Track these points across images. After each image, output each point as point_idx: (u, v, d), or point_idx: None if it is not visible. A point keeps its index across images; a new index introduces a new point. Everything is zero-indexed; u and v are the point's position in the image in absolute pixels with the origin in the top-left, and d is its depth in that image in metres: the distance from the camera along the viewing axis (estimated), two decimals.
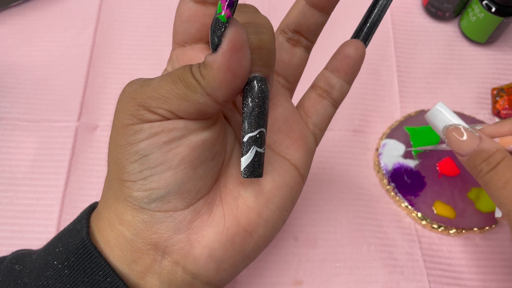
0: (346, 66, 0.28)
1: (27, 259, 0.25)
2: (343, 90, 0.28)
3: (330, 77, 0.28)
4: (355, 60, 0.28)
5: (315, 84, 0.29)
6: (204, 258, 0.24)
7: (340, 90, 0.28)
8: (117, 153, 0.23)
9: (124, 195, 0.23)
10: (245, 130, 0.23)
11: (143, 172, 0.23)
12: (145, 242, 0.23)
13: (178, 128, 0.22)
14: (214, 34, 0.20)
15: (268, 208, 0.26)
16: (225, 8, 0.20)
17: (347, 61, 0.28)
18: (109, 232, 0.24)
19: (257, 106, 0.23)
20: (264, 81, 0.23)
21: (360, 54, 0.28)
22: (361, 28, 0.29)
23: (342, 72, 0.28)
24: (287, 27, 0.27)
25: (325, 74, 0.28)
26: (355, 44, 0.28)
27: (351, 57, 0.27)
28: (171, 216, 0.23)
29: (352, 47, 0.28)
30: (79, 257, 0.23)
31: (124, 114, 0.23)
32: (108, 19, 0.50)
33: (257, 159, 0.24)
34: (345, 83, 0.28)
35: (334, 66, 0.28)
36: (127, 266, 0.24)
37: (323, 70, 0.29)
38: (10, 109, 0.45)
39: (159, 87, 0.22)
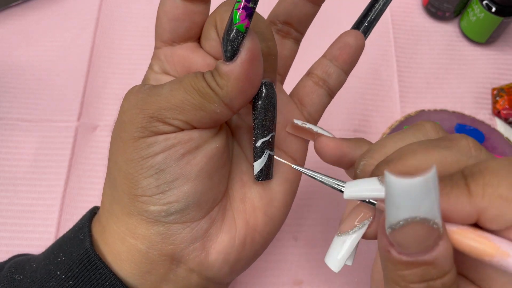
0: (346, 54, 0.27)
1: (27, 268, 0.25)
2: (340, 79, 0.28)
3: (328, 65, 0.28)
4: (354, 49, 0.27)
5: (311, 71, 0.28)
6: (219, 263, 0.24)
7: (338, 79, 0.28)
8: (128, 167, 0.22)
9: (137, 210, 0.23)
10: (258, 136, 0.24)
11: (160, 187, 0.22)
12: (160, 254, 0.23)
13: (194, 139, 0.22)
14: (230, 43, 0.20)
15: (273, 206, 0.26)
16: (244, 18, 0.19)
17: (347, 50, 0.27)
18: (120, 246, 0.23)
19: (268, 111, 0.23)
20: (272, 86, 0.23)
21: (360, 44, 0.27)
22: (361, 20, 0.29)
23: (341, 60, 0.27)
24: (276, 18, 0.27)
25: (322, 62, 0.28)
26: (355, 34, 0.27)
27: (351, 45, 0.27)
28: (188, 227, 0.23)
29: (352, 37, 0.27)
30: (83, 268, 0.23)
31: (133, 126, 0.22)
32: (108, 19, 0.50)
33: (268, 162, 0.24)
34: (343, 72, 0.28)
35: (333, 54, 0.27)
36: (140, 277, 0.23)
37: (321, 58, 0.28)
38: (10, 109, 0.45)
39: (172, 97, 0.21)
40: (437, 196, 0.15)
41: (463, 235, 0.17)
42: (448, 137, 0.19)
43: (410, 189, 0.15)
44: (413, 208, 0.15)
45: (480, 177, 0.17)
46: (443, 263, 0.16)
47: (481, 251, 0.16)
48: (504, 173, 0.16)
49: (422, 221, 0.15)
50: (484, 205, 0.16)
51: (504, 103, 0.44)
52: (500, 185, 0.16)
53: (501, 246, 0.16)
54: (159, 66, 0.26)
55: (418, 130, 0.21)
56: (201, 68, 0.24)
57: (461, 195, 0.17)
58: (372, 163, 0.21)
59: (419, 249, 0.16)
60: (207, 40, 0.25)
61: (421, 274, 0.17)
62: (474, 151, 0.19)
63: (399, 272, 0.17)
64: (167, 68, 0.25)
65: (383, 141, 0.22)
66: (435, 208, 0.15)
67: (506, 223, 0.16)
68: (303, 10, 0.27)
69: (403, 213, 0.15)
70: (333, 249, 0.20)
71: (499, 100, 0.45)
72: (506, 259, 0.16)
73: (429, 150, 0.19)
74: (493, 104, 0.46)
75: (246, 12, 0.19)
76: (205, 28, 0.25)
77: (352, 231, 0.19)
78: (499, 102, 0.45)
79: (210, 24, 0.24)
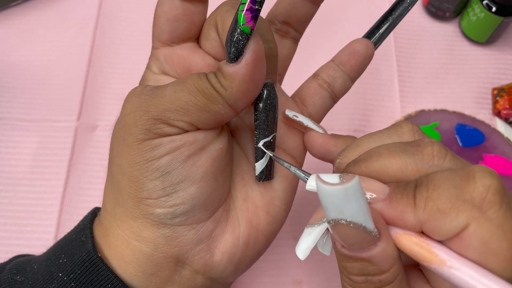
0: (354, 61, 0.27)
1: (28, 269, 0.25)
2: (345, 85, 0.28)
3: (335, 70, 0.28)
4: (363, 57, 0.27)
5: (317, 74, 0.28)
6: (224, 264, 0.24)
7: (343, 85, 0.28)
8: (132, 170, 0.22)
9: (142, 213, 0.22)
10: (259, 136, 0.24)
11: (166, 189, 0.22)
12: (166, 256, 0.23)
13: (199, 140, 0.22)
14: (235, 44, 0.20)
15: (275, 205, 0.26)
16: (249, 20, 0.19)
17: (356, 57, 0.27)
18: (124, 249, 0.23)
19: (269, 112, 0.23)
20: (273, 87, 0.23)
21: (369, 54, 0.27)
22: (373, 31, 0.29)
23: (348, 66, 0.28)
24: (275, 18, 0.27)
25: (330, 66, 0.28)
26: (366, 42, 0.27)
27: (360, 53, 0.27)
28: (194, 229, 0.23)
29: (362, 45, 0.27)
30: (85, 270, 0.23)
31: (137, 128, 0.22)
32: (108, 19, 0.50)
33: (270, 163, 0.25)
34: (349, 78, 0.28)
35: (341, 59, 0.28)
36: (145, 279, 0.23)
37: (329, 62, 0.28)
38: (9, 109, 0.45)
39: (175, 98, 0.21)
40: (361, 203, 0.17)
41: (408, 239, 0.18)
42: (417, 142, 0.20)
43: (332, 195, 0.16)
44: (338, 211, 0.17)
45: (425, 189, 0.17)
46: (380, 262, 0.18)
47: (421, 256, 0.18)
48: (446, 187, 0.17)
49: (349, 223, 0.17)
50: (425, 217, 0.17)
51: (505, 103, 0.44)
52: (439, 198, 0.17)
53: (440, 254, 0.17)
54: (158, 67, 0.26)
55: (394, 131, 0.22)
56: (201, 68, 0.24)
57: (408, 205, 0.18)
58: (345, 161, 0.22)
59: (354, 246, 0.18)
60: (207, 40, 0.25)
61: (360, 268, 0.18)
62: (436, 159, 0.19)
63: (342, 263, 0.19)
64: (166, 68, 0.25)
65: (360, 140, 0.22)
66: (360, 214, 0.17)
67: (443, 235, 0.17)
68: (302, 10, 0.27)
69: (331, 214, 0.17)
70: (301, 240, 0.21)
71: (499, 100, 0.45)
72: (442, 267, 0.17)
73: (393, 155, 0.19)
74: (493, 104, 0.45)
75: (252, 14, 0.19)
76: (205, 28, 0.25)
77: (318, 223, 0.20)
78: (499, 102, 0.45)
79: (210, 24, 0.24)
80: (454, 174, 0.17)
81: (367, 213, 0.17)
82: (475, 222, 0.16)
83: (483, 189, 0.16)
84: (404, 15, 0.28)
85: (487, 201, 0.16)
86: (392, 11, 0.28)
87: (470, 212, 0.16)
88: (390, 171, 0.19)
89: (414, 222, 0.18)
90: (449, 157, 0.19)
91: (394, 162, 0.19)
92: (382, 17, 0.29)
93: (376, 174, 0.20)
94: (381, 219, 0.18)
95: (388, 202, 0.18)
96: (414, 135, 0.22)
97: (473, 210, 0.16)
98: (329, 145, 0.25)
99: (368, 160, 0.20)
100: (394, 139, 0.22)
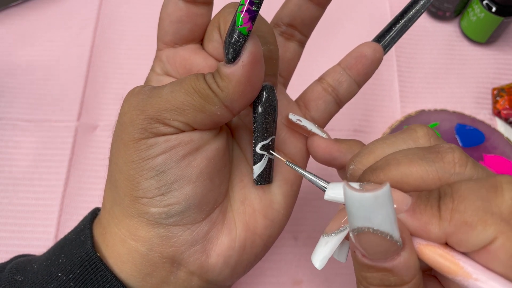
0: (361, 65, 0.27)
1: (28, 269, 0.25)
2: (351, 89, 0.27)
3: (341, 73, 0.27)
4: (371, 61, 0.27)
5: (323, 77, 0.28)
6: (220, 266, 0.24)
7: (348, 89, 0.27)
8: (128, 169, 0.22)
9: (138, 212, 0.23)
10: (257, 139, 0.23)
11: (161, 189, 0.22)
12: (161, 256, 0.23)
13: (195, 140, 0.22)
14: (232, 45, 0.20)
15: (273, 209, 0.26)
16: (247, 21, 0.19)
17: (363, 61, 0.27)
18: (121, 248, 0.23)
19: (268, 115, 0.23)
20: (272, 89, 0.23)
21: (377, 58, 0.27)
22: (383, 35, 0.28)
23: (354, 70, 0.27)
24: (281, 21, 0.27)
25: (336, 69, 0.27)
26: (374, 46, 0.27)
27: (367, 57, 0.26)
28: (189, 229, 0.23)
29: (371, 48, 0.26)
30: (84, 269, 0.23)
31: (134, 127, 0.22)
32: (108, 18, 0.50)
33: (268, 166, 0.24)
34: (355, 83, 0.27)
35: (347, 63, 0.27)
36: (141, 279, 0.23)
37: (335, 65, 0.28)
38: (10, 109, 0.45)
39: (172, 98, 0.21)
40: (389, 212, 0.16)
41: (432, 250, 0.18)
42: (436, 148, 0.19)
43: (361, 202, 0.16)
44: (365, 219, 0.16)
45: (450, 201, 0.17)
46: (402, 272, 0.17)
47: (446, 268, 0.17)
48: (472, 198, 0.17)
49: (375, 232, 0.16)
50: (451, 230, 0.17)
51: (505, 103, 0.44)
52: (466, 211, 0.17)
53: (465, 267, 0.17)
54: (161, 68, 0.26)
55: (409, 136, 0.21)
56: (202, 69, 0.24)
57: (433, 217, 0.18)
58: (360, 167, 0.22)
59: (377, 256, 0.17)
60: (210, 41, 0.25)
61: (380, 278, 0.18)
62: (458, 167, 0.18)
63: (362, 273, 0.18)
64: (169, 69, 0.25)
65: (373, 145, 0.22)
66: (388, 222, 0.16)
67: (470, 248, 0.17)
68: (307, 12, 0.26)
69: (357, 222, 0.17)
70: (317, 248, 0.20)
71: (499, 100, 0.45)
72: (467, 280, 0.17)
73: (412, 163, 0.19)
74: (493, 104, 0.45)
75: (249, 15, 0.19)
76: (209, 30, 0.25)
77: (335, 232, 0.20)
78: (499, 102, 0.45)
79: (214, 25, 0.24)
80: (480, 185, 0.17)
81: (394, 222, 0.17)
82: (503, 236, 0.16)
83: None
84: (416, 19, 0.27)
85: None
86: (404, 14, 0.28)
87: (498, 226, 0.16)
88: (411, 179, 0.19)
89: (439, 234, 0.17)
90: (470, 165, 0.19)
91: (414, 171, 0.19)
92: (393, 20, 0.28)
93: (396, 182, 0.19)
94: (405, 229, 0.18)
95: (412, 213, 0.18)
96: (430, 139, 0.21)
97: (501, 224, 0.16)
98: (332, 151, 0.25)
99: (386, 168, 0.19)
100: (409, 144, 0.21)
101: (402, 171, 0.19)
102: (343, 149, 0.24)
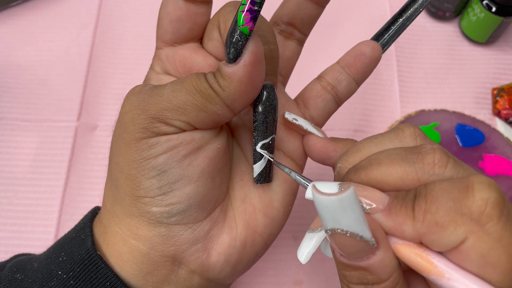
0: (359, 64, 0.27)
1: (28, 267, 0.25)
2: (349, 88, 0.27)
3: (340, 72, 0.27)
4: (369, 60, 0.27)
5: (321, 76, 0.28)
6: (220, 265, 0.24)
7: (347, 88, 0.27)
8: (129, 168, 0.22)
9: (139, 211, 0.23)
10: (258, 138, 0.24)
11: (163, 188, 0.22)
12: (162, 255, 0.23)
13: (196, 140, 0.22)
14: (234, 45, 0.20)
15: (273, 207, 0.26)
16: (248, 21, 0.19)
17: (361, 59, 0.27)
18: (122, 247, 0.23)
19: (268, 114, 0.23)
20: (273, 89, 0.23)
21: (376, 56, 0.27)
22: (382, 33, 0.28)
23: (353, 69, 0.27)
24: (280, 19, 0.27)
25: (335, 68, 0.27)
26: (373, 44, 0.27)
27: (366, 55, 0.26)
28: (190, 228, 0.23)
29: (369, 47, 0.26)
30: (84, 267, 0.23)
31: (135, 127, 0.22)
32: (108, 18, 0.50)
33: (268, 165, 0.24)
34: (354, 81, 0.27)
35: (346, 61, 0.27)
36: (142, 278, 0.23)
37: (334, 64, 0.28)
38: (10, 109, 0.45)
39: (174, 98, 0.21)
40: (356, 213, 0.16)
41: (407, 249, 0.18)
42: (418, 149, 0.19)
43: (327, 205, 0.16)
44: (334, 221, 0.17)
45: (423, 201, 0.17)
46: (378, 271, 0.18)
47: (421, 267, 0.18)
48: (444, 199, 0.17)
49: (345, 233, 0.17)
50: (424, 230, 0.17)
51: (505, 103, 0.44)
52: (438, 211, 0.17)
53: (439, 266, 0.17)
54: (160, 67, 0.26)
55: (395, 135, 0.22)
56: (202, 68, 0.24)
57: (407, 217, 0.18)
58: (346, 166, 0.22)
59: (352, 255, 0.18)
60: (210, 40, 0.25)
61: (358, 277, 0.18)
62: (437, 168, 0.19)
63: (341, 271, 0.19)
64: (168, 68, 0.25)
65: (360, 144, 0.22)
66: (356, 223, 0.17)
67: (442, 248, 0.17)
68: (306, 11, 0.26)
69: (327, 224, 0.17)
70: (302, 243, 0.21)
71: (499, 100, 0.45)
72: (440, 279, 0.17)
73: (393, 163, 0.19)
74: (493, 104, 0.45)
75: (251, 15, 0.19)
76: (208, 29, 0.25)
77: (319, 229, 0.20)
78: (499, 102, 0.45)
79: (213, 24, 0.24)
80: (452, 186, 0.17)
81: (364, 222, 0.17)
82: (474, 236, 0.16)
83: (482, 203, 0.16)
84: (414, 17, 0.27)
85: (486, 214, 0.16)
86: (402, 13, 0.28)
87: (468, 226, 0.16)
88: (390, 179, 0.19)
89: (413, 234, 0.18)
90: (450, 165, 0.19)
91: (394, 171, 0.19)
92: (392, 19, 0.28)
93: (376, 182, 0.19)
94: (380, 229, 0.18)
95: (387, 213, 0.18)
96: (416, 139, 0.21)
97: (471, 224, 0.16)
98: (328, 150, 0.25)
99: (368, 168, 0.20)
100: (395, 144, 0.21)
101: (383, 171, 0.19)
102: (338, 148, 0.25)
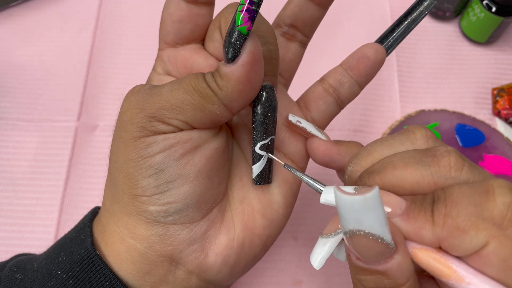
0: (362, 66, 0.26)
1: (28, 267, 0.25)
2: (352, 90, 0.27)
3: (342, 74, 0.27)
4: (372, 62, 0.26)
5: (324, 78, 0.28)
6: (218, 266, 0.24)
7: (349, 90, 0.27)
8: (127, 167, 0.22)
9: (137, 210, 0.23)
10: (257, 139, 0.24)
11: (160, 187, 0.22)
12: (159, 255, 0.23)
13: (194, 139, 0.22)
14: (232, 45, 0.20)
15: (272, 208, 0.26)
16: (246, 21, 0.19)
17: (365, 62, 0.26)
18: (120, 246, 0.23)
19: (267, 115, 0.23)
20: (272, 89, 0.23)
21: (379, 59, 0.26)
22: (387, 36, 0.28)
23: (356, 71, 0.27)
24: (282, 21, 0.27)
25: (337, 70, 0.27)
26: (377, 47, 0.26)
27: (369, 58, 0.26)
28: (187, 228, 0.23)
29: (373, 49, 0.26)
30: (84, 267, 0.23)
31: (133, 126, 0.22)
32: (108, 19, 0.50)
33: (267, 166, 0.24)
34: (356, 84, 0.27)
35: (349, 64, 0.27)
36: (140, 278, 0.23)
37: (337, 66, 0.27)
38: (10, 109, 0.45)
39: (172, 97, 0.21)
40: (379, 214, 0.16)
41: (426, 254, 0.18)
42: (432, 151, 0.19)
43: (351, 205, 0.16)
44: (356, 222, 0.17)
45: (443, 206, 0.17)
46: (395, 275, 0.17)
47: (439, 272, 0.18)
48: (464, 203, 0.17)
49: (367, 235, 0.17)
50: (444, 235, 0.17)
51: (505, 103, 0.44)
52: (458, 216, 0.17)
53: (458, 271, 0.17)
54: (162, 67, 0.26)
55: (407, 138, 0.21)
56: (203, 69, 0.25)
57: (426, 221, 0.18)
58: (358, 169, 0.22)
59: (370, 258, 0.17)
60: (211, 41, 0.25)
61: (375, 281, 0.18)
62: (453, 171, 0.18)
63: (357, 276, 0.19)
64: (170, 69, 0.26)
65: (371, 147, 0.22)
66: (378, 225, 0.16)
67: (462, 253, 0.17)
68: (308, 13, 0.26)
69: (348, 225, 0.17)
70: (316, 249, 0.21)
71: (499, 100, 0.45)
72: (460, 283, 0.17)
73: (408, 167, 0.19)
74: (493, 104, 0.45)
75: (249, 15, 0.19)
76: (210, 30, 0.25)
77: (332, 234, 0.20)
78: (499, 102, 0.45)
79: (215, 25, 0.24)
80: (472, 190, 0.17)
81: (385, 225, 0.17)
82: (495, 241, 0.16)
83: (503, 207, 0.16)
84: (420, 20, 0.27)
85: (508, 219, 0.16)
86: (407, 15, 0.27)
87: (490, 231, 0.16)
88: (406, 184, 0.19)
89: (432, 239, 0.18)
90: (466, 168, 0.18)
91: (409, 175, 0.19)
92: (396, 22, 0.28)
93: (391, 186, 0.19)
94: (398, 232, 0.18)
95: (406, 218, 0.18)
96: (428, 141, 0.21)
97: (492, 228, 0.16)
98: (331, 153, 0.25)
99: (382, 172, 0.19)
100: (407, 146, 0.21)
101: (398, 175, 0.19)
102: (342, 151, 0.25)
